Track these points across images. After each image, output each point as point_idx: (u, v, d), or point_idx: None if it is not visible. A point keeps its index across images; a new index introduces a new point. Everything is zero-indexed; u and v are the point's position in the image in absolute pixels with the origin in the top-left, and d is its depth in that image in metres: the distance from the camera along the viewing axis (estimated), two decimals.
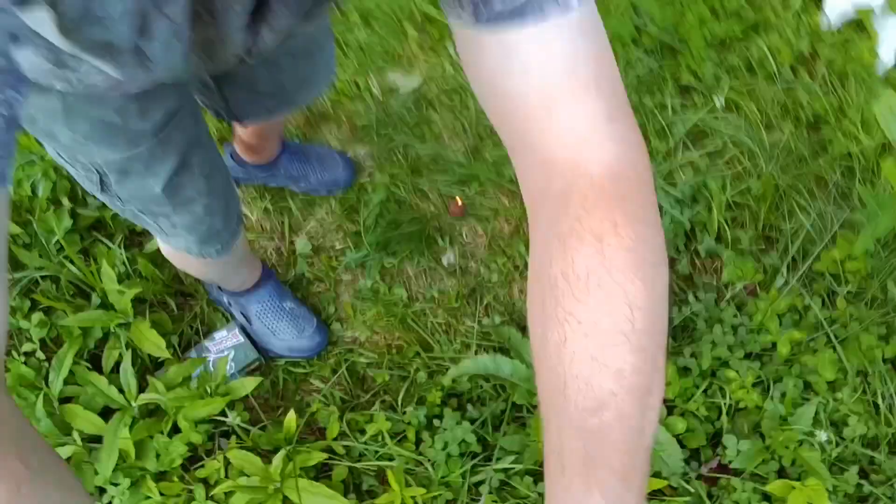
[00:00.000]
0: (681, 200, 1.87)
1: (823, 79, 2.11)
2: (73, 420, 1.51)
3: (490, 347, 1.73)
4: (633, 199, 0.55)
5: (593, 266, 0.52)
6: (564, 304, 0.53)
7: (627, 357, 0.51)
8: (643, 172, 0.58)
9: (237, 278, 1.63)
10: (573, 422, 0.51)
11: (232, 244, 1.30)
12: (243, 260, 1.56)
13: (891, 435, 1.59)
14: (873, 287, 1.71)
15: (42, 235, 1.76)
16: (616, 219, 0.53)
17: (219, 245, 1.27)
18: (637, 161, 0.57)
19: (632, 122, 0.59)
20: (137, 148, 0.97)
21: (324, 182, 1.94)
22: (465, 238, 1.92)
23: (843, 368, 1.63)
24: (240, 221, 1.31)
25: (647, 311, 0.52)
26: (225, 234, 1.26)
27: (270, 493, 1.45)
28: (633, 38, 2.13)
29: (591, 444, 0.50)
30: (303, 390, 1.72)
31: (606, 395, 0.50)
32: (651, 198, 0.58)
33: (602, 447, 0.50)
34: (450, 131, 2.08)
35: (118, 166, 0.98)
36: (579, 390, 0.51)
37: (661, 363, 0.53)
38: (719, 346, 1.63)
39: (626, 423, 0.51)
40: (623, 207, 0.54)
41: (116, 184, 1.03)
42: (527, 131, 0.57)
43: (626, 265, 0.52)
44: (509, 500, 1.51)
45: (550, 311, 0.53)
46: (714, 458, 1.57)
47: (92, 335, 1.65)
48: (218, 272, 1.54)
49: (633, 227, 0.53)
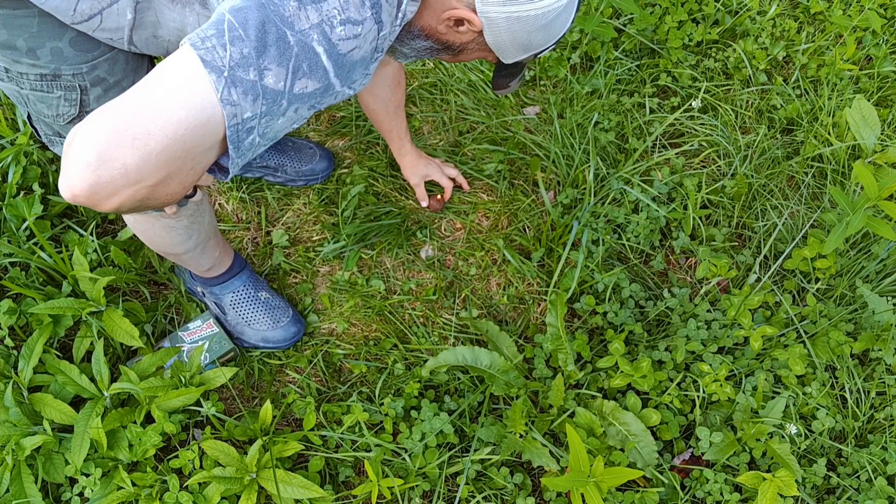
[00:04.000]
0: (657, 198, 1.90)
1: (797, 83, 2.16)
2: (44, 409, 1.48)
3: (467, 340, 1.74)
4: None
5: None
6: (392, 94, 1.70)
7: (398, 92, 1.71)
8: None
9: (206, 259, 1.60)
10: (395, 123, 1.76)
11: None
12: (211, 238, 1.54)
13: (858, 428, 1.63)
14: (842, 285, 1.75)
15: (11, 221, 1.72)
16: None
17: None
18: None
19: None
20: (112, 52, 1.09)
21: (301, 173, 1.93)
22: (443, 232, 1.92)
23: (812, 363, 1.67)
24: None
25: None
26: None
27: (246, 484, 1.43)
28: (613, 39, 2.15)
29: (402, 127, 1.78)
30: (279, 381, 1.71)
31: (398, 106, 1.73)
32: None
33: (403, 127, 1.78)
34: (430, 125, 2.08)
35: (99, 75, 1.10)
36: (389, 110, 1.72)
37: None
38: (693, 340, 1.66)
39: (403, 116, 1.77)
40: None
41: (96, 101, 1.10)
42: None
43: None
44: (486, 490, 1.52)
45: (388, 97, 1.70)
46: (687, 449, 1.59)
47: (63, 323, 1.62)
48: (183, 241, 1.47)
49: None
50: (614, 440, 1.51)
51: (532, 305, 1.81)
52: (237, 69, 0.80)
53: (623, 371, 1.58)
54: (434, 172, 1.88)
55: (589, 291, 1.78)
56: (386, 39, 0.94)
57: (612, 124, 2.01)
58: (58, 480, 1.46)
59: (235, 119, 0.82)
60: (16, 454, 1.42)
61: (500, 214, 1.92)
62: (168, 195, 0.85)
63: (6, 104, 1.97)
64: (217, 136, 0.82)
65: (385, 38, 0.93)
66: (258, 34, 0.81)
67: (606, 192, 1.90)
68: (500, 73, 1.20)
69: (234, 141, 0.84)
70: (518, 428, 1.50)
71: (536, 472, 1.60)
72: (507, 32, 1.02)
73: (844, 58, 2.15)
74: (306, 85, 0.86)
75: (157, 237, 1.43)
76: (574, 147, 1.96)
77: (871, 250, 1.79)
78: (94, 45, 1.06)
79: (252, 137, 0.86)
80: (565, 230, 1.84)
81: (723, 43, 2.22)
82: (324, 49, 0.85)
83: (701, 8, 2.24)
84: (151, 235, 1.42)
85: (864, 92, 2.13)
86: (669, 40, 2.15)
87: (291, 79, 0.84)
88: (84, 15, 1.00)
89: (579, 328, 1.75)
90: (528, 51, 1.08)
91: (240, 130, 0.83)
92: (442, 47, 1.08)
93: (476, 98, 2.11)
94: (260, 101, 0.82)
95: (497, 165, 1.98)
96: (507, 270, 1.85)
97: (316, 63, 0.85)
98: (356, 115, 2.08)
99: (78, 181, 0.78)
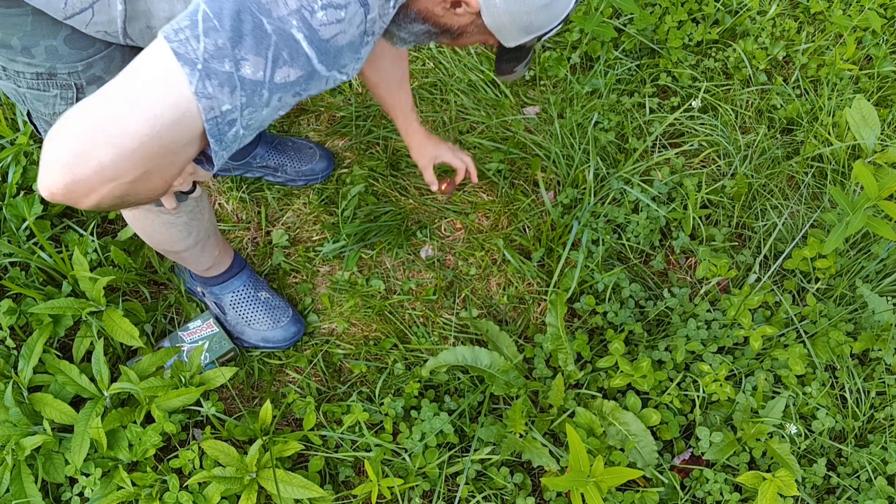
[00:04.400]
0: (657, 198, 1.90)
1: (797, 83, 2.16)
2: (44, 409, 1.48)
3: (467, 340, 1.74)
4: None
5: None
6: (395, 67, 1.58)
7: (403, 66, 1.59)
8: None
9: (205, 257, 1.59)
10: (398, 99, 1.61)
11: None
12: (211, 237, 1.53)
13: (857, 428, 1.63)
14: (842, 285, 1.75)
15: (11, 221, 1.72)
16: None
17: None
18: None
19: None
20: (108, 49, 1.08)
21: (301, 172, 1.93)
22: (443, 232, 1.92)
23: (812, 363, 1.67)
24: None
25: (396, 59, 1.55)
26: None
27: (246, 484, 1.43)
28: (613, 39, 2.15)
29: (406, 104, 1.63)
30: (279, 381, 1.71)
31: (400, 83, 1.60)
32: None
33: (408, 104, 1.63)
34: (430, 125, 2.08)
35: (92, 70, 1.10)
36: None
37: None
38: (693, 340, 1.66)
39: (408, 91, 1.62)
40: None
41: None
42: None
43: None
44: (486, 490, 1.52)
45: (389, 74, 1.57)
46: (687, 449, 1.59)
47: (62, 323, 1.62)
48: (182, 238, 1.46)
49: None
50: (614, 440, 1.51)
51: (532, 305, 1.81)
52: (212, 61, 0.78)
53: (623, 371, 1.58)
54: (445, 154, 1.71)
55: (589, 291, 1.78)
56: (376, 23, 0.92)
57: (612, 124, 2.01)
58: (58, 480, 1.46)
59: (213, 112, 0.80)
60: (16, 454, 1.42)
61: (500, 214, 1.92)
62: (150, 190, 0.84)
63: (6, 104, 1.97)
64: (196, 131, 0.81)
65: (375, 21, 0.91)
66: (233, 24, 0.78)
67: (606, 192, 1.90)
68: (503, 57, 1.15)
69: (215, 134, 0.82)
70: (518, 428, 1.50)
71: (536, 472, 1.60)
72: (505, 14, 0.99)
73: (844, 58, 2.15)
74: (288, 74, 0.83)
75: (157, 234, 1.42)
76: (574, 147, 1.96)
77: (871, 250, 1.79)
78: (88, 42, 1.05)
79: (235, 130, 0.84)
80: (565, 230, 1.84)
81: (723, 43, 2.22)
82: (304, 36, 0.83)
83: (701, 8, 2.24)
84: (151, 232, 1.42)
85: (864, 92, 2.13)
86: (669, 40, 2.15)
87: (271, 68, 0.82)
88: (75, 8, 0.98)
89: (579, 328, 1.75)
90: (530, 33, 1.04)
91: (220, 123, 0.82)
92: (440, 31, 1.05)
93: (476, 98, 2.11)
94: (238, 93, 0.81)
95: (497, 165, 1.98)
96: (507, 270, 1.85)
97: (297, 51, 0.83)
98: (356, 115, 2.08)
99: (54, 180, 0.77)
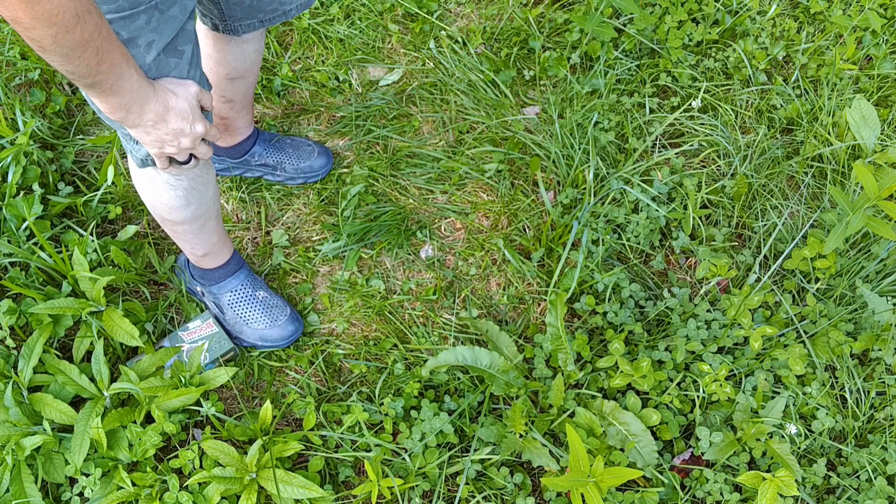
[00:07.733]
0: (657, 198, 1.90)
1: (797, 83, 2.16)
2: (44, 409, 1.48)
3: (467, 340, 1.74)
4: None
5: None
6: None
7: None
8: None
9: (203, 240, 1.57)
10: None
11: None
12: (211, 219, 1.52)
13: (857, 428, 1.63)
14: (842, 285, 1.75)
15: (11, 221, 1.72)
16: None
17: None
18: None
19: None
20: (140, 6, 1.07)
21: (300, 170, 1.93)
22: (443, 232, 1.93)
23: (812, 363, 1.67)
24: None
25: None
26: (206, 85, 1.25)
27: (246, 484, 1.43)
28: (613, 39, 2.15)
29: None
30: (279, 381, 1.71)
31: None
32: None
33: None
34: (430, 125, 2.08)
35: None
36: None
37: None
38: (693, 340, 1.66)
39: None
40: None
41: None
42: None
43: None
44: (486, 490, 1.52)
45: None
46: (687, 449, 1.59)
47: (62, 323, 1.62)
48: (182, 206, 1.42)
49: None
50: (614, 440, 1.51)
51: (532, 305, 1.81)
52: None
53: (623, 371, 1.58)
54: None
55: (589, 291, 1.78)
56: None
57: (612, 124, 2.01)
58: (58, 480, 1.46)
59: None
60: (16, 454, 1.42)
61: (500, 214, 1.92)
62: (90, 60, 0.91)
63: (6, 104, 1.97)
64: None
65: None
66: None
67: (606, 192, 1.90)
68: None
69: None
70: (518, 428, 1.50)
71: (536, 472, 1.60)
72: None
73: (844, 58, 2.15)
74: None
75: (158, 194, 1.39)
76: (574, 147, 1.96)
77: (871, 250, 1.79)
78: None
79: None
80: (565, 230, 1.84)
81: (723, 43, 2.22)
82: None
83: (701, 8, 2.24)
84: (153, 193, 1.39)
85: (864, 92, 2.13)
86: (669, 40, 2.15)
87: None
88: None
89: (579, 328, 1.75)
90: None
91: None
92: None
93: (476, 98, 2.11)
94: None
95: (497, 165, 1.98)
96: (507, 270, 1.85)
97: None
98: (356, 115, 2.08)
99: None
